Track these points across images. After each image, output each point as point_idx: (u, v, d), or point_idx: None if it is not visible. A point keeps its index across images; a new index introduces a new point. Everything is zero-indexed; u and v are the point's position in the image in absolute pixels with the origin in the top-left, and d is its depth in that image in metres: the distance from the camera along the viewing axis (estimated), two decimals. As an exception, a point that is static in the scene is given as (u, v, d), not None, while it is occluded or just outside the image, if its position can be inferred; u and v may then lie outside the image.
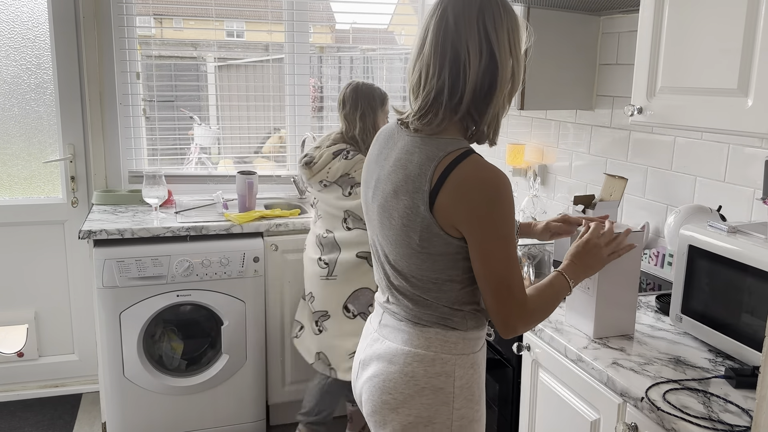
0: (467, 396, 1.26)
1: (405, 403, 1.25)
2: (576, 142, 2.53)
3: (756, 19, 1.28)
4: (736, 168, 1.84)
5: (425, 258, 1.22)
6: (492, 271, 1.18)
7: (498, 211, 1.16)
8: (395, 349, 1.27)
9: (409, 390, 1.24)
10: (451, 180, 1.16)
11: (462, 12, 1.17)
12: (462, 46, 1.17)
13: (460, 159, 1.17)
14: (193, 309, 2.70)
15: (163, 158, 3.24)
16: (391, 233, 1.25)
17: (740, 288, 1.41)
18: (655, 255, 2.11)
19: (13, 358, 3.09)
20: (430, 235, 1.19)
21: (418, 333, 1.26)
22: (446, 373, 1.24)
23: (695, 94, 1.45)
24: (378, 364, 1.29)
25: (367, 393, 1.31)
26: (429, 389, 1.24)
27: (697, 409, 1.24)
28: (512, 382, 1.82)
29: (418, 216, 1.19)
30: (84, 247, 3.05)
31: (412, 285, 1.26)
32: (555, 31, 2.31)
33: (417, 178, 1.19)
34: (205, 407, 2.70)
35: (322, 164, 2.36)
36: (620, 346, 1.53)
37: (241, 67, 3.47)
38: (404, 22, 3.70)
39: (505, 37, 1.19)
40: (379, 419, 1.29)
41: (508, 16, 1.20)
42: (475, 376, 1.28)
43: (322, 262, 2.39)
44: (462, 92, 1.19)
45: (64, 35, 2.95)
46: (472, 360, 1.28)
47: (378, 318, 1.36)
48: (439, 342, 1.25)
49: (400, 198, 1.21)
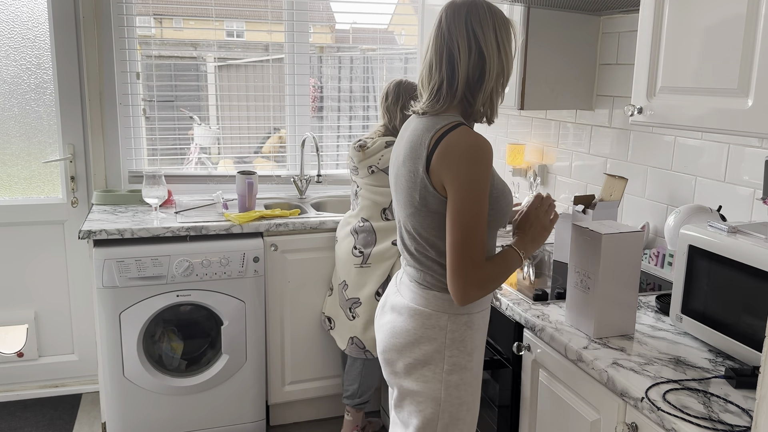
0: (458, 347, 1.50)
1: (407, 347, 1.53)
2: (576, 142, 2.53)
3: (756, 19, 1.28)
4: (736, 168, 1.84)
5: (425, 215, 1.46)
6: (458, 225, 1.39)
7: (474, 170, 1.38)
8: (404, 303, 1.56)
9: (410, 338, 1.52)
10: (442, 144, 1.40)
11: (453, 18, 1.45)
12: (454, 45, 1.44)
13: (452, 129, 1.41)
14: (193, 309, 2.70)
15: (163, 158, 3.24)
16: (401, 196, 1.52)
17: (740, 288, 1.40)
18: (655, 255, 2.11)
19: (13, 358, 3.09)
20: (427, 193, 1.44)
21: (421, 293, 1.52)
22: (440, 326, 1.50)
23: (695, 94, 1.45)
24: (391, 313, 1.59)
25: (381, 335, 1.62)
26: (425, 338, 1.50)
27: (697, 409, 1.24)
28: (512, 382, 1.82)
29: (418, 177, 1.44)
30: (84, 247, 3.05)
31: (418, 244, 1.51)
32: (555, 31, 2.31)
33: (419, 147, 1.45)
34: (205, 407, 2.70)
35: (374, 150, 2.48)
36: (620, 346, 1.53)
37: (241, 67, 3.47)
38: (404, 22, 3.70)
39: (491, 35, 1.44)
40: (388, 357, 1.59)
41: (494, 16, 1.45)
42: (468, 332, 1.51)
43: (357, 251, 2.50)
44: (457, 82, 1.45)
45: (64, 35, 2.95)
46: (466, 319, 1.51)
47: (400, 276, 1.65)
48: (436, 302, 1.50)
49: (407, 165, 1.48)
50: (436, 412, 1.52)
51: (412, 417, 1.56)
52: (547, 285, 2.02)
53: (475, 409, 1.58)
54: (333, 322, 2.68)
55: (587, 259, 1.57)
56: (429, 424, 1.53)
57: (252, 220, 2.69)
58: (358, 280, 2.51)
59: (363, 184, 2.53)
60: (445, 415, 1.52)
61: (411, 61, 3.54)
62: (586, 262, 1.57)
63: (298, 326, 2.82)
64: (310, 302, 2.82)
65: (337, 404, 2.99)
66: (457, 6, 1.46)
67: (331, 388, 2.93)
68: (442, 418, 1.52)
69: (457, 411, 1.53)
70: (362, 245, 2.49)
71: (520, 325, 1.78)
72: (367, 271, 2.49)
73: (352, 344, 2.56)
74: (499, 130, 3.07)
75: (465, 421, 1.55)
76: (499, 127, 3.07)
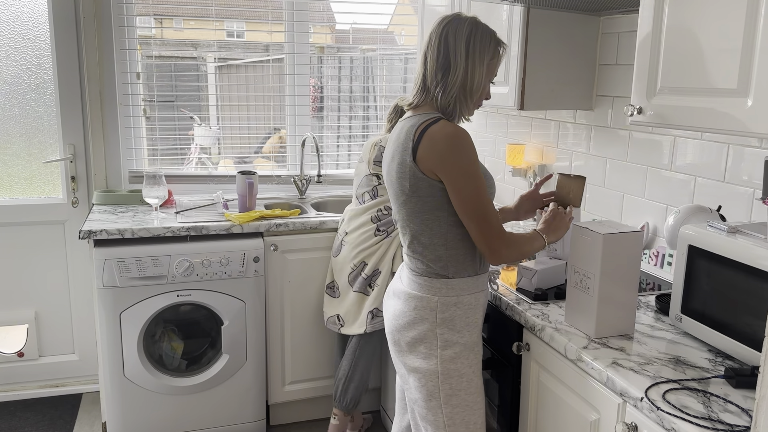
0: (448, 326, 1.67)
1: (405, 327, 1.71)
2: (576, 142, 2.54)
3: (756, 19, 1.29)
4: (736, 168, 1.84)
5: (416, 201, 1.63)
6: (467, 203, 1.58)
7: (459, 153, 1.56)
8: (402, 289, 1.75)
9: (407, 319, 1.70)
10: (426, 136, 1.58)
11: (434, 30, 1.67)
12: (429, 52, 1.66)
13: (433, 122, 1.60)
14: (193, 309, 2.70)
15: (164, 158, 3.25)
16: (393, 189, 1.70)
17: (740, 288, 1.41)
18: (655, 255, 2.11)
19: (13, 358, 3.09)
20: (416, 180, 1.60)
21: (414, 279, 1.71)
22: (430, 308, 1.67)
23: (695, 94, 1.45)
24: (394, 297, 1.78)
25: (387, 317, 1.81)
26: (419, 319, 1.69)
27: (697, 409, 1.24)
28: (512, 382, 1.82)
29: (406, 167, 1.61)
30: (84, 247, 3.06)
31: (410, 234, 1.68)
32: (555, 31, 2.31)
33: (405, 141, 1.63)
34: (205, 407, 2.70)
35: None
36: (620, 345, 1.53)
37: (241, 67, 3.47)
38: (404, 23, 3.70)
39: (462, 44, 1.62)
40: (394, 338, 1.77)
41: (468, 29, 1.63)
42: (457, 312, 1.67)
43: (378, 230, 2.54)
44: (429, 83, 1.66)
45: (65, 35, 2.95)
46: (455, 300, 1.67)
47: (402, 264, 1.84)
48: (427, 287, 1.68)
49: (396, 159, 1.66)
50: (437, 385, 1.68)
51: (417, 392, 1.72)
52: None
53: (476, 380, 1.71)
54: (342, 319, 2.63)
55: (587, 259, 1.57)
56: (432, 395, 1.69)
57: (252, 220, 2.69)
58: (378, 252, 2.51)
59: None
60: (445, 386, 1.68)
61: (411, 61, 3.55)
62: (586, 262, 1.58)
63: (298, 326, 2.82)
64: (310, 302, 2.82)
65: (337, 404, 2.99)
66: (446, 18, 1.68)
67: (331, 388, 2.93)
68: (443, 389, 1.68)
69: (457, 383, 1.68)
70: (383, 222, 2.53)
71: (520, 325, 1.78)
72: (387, 240, 2.51)
73: (372, 319, 2.51)
74: (498, 130, 3.08)
75: (468, 391, 1.69)
76: (499, 127, 3.07)
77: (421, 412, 1.73)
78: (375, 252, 2.52)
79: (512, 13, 2.31)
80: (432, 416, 1.70)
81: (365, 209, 2.57)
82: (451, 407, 1.68)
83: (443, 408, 1.68)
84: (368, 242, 2.53)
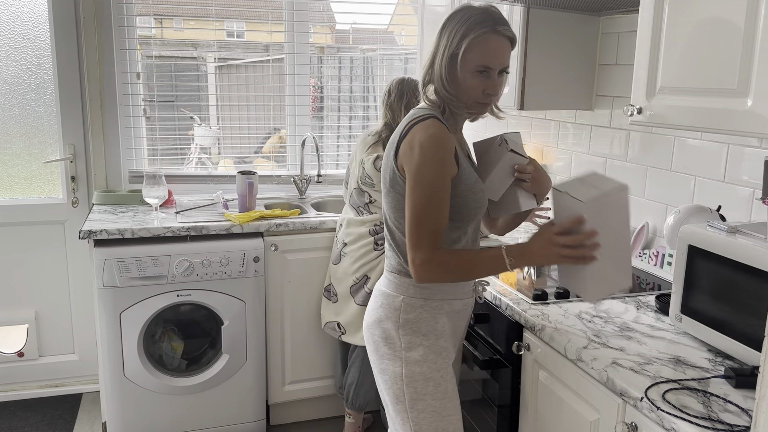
0: (412, 327, 1.60)
1: (372, 324, 1.67)
2: (576, 142, 2.54)
3: (756, 19, 1.29)
4: (735, 168, 1.84)
5: (394, 195, 1.59)
6: (409, 208, 1.51)
7: (423, 160, 1.48)
8: (377, 286, 1.72)
9: (377, 315, 1.66)
10: (410, 133, 1.53)
11: None
12: None
13: (419, 121, 1.54)
14: (193, 309, 2.70)
15: (164, 158, 3.25)
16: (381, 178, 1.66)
17: (740, 288, 1.41)
18: (655, 255, 2.11)
19: (13, 358, 3.09)
20: (394, 175, 1.57)
21: (386, 275, 1.68)
22: (394, 307, 1.62)
23: (695, 94, 1.45)
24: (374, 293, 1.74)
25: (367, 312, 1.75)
26: (384, 317, 1.63)
27: (697, 408, 1.24)
28: (512, 382, 1.82)
29: (389, 160, 1.59)
30: (84, 247, 3.06)
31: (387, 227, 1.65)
32: (555, 31, 2.31)
33: (395, 135, 1.60)
34: (205, 407, 2.70)
35: None
36: (620, 345, 1.53)
37: (241, 68, 3.47)
38: (404, 23, 3.70)
39: (444, 39, 1.53)
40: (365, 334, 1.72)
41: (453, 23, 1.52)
42: (423, 315, 1.60)
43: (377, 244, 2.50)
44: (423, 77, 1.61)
45: (65, 35, 2.95)
46: (421, 303, 1.60)
47: None
48: (395, 284, 1.63)
49: (389, 149, 1.62)
50: (401, 388, 1.61)
51: (385, 394, 1.67)
52: (547, 285, 2.02)
53: (445, 385, 1.61)
54: (343, 327, 2.60)
55: None
56: (398, 398, 1.62)
57: (252, 220, 2.69)
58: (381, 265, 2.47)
59: None
60: (410, 390, 1.60)
61: (411, 61, 3.55)
62: None
63: (298, 326, 2.82)
64: (310, 302, 2.82)
65: (337, 404, 3.00)
66: None
67: (331, 388, 2.93)
68: (407, 392, 1.60)
69: (422, 386, 1.59)
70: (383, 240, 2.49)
71: (520, 325, 1.78)
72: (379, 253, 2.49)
73: None
74: (498, 130, 3.07)
75: (435, 396, 1.60)
76: (498, 127, 3.07)
77: (391, 415, 1.68)
78: (377, 266, 2.50)
79: (512, 13, 2.31)
80: (400, 420, 1.63)
81: (362, 222, 2.56)
82: (417, 412, 1.60)
83: (409, 412, 1.61)
84: (369, 256, 2.51)
